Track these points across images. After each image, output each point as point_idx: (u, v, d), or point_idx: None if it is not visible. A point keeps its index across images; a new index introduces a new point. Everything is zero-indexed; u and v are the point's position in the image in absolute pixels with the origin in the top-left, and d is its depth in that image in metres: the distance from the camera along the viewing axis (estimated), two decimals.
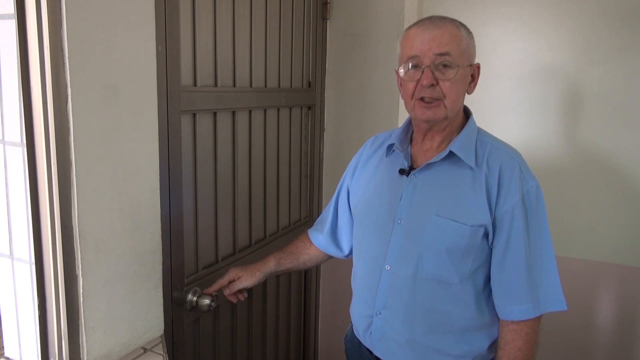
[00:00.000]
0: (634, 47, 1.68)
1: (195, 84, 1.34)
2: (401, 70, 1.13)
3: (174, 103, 1.22)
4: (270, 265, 1.40)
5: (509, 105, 1.87)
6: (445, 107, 1.10)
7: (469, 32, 1.14)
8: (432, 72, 1.08)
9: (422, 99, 1.11)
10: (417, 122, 1.19)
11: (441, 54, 1.07)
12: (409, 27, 1.15)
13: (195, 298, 1.35)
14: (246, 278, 1.37)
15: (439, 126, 1.15)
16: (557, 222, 1.85)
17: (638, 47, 1.68)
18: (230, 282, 1.38)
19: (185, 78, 1.29)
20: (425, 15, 1.94)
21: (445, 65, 1.08)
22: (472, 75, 1.16)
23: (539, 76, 1.82)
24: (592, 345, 1.87)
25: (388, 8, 1.93)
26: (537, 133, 1.84)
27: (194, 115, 1.34)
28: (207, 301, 1.33)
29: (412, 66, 1.11)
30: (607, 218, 1.79)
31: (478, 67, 1.16)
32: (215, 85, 1.42)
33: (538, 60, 1.81)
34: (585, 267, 1.83)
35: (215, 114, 1.43)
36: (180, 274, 1.32)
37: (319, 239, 1.43)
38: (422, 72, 1.09)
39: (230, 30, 1.46)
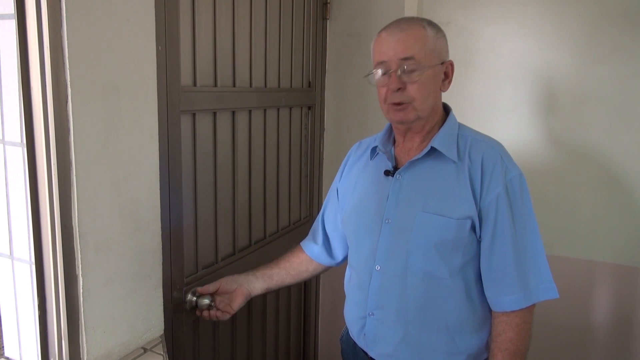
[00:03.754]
0: (634, 47, 1.68)
1: (195, 84, 1.34)
2: (373, 76, 1.16)
3: (174, 103, 1.22)
4: (258, 288, 1.39)
5: (509, 105, 1.87)
6: (415, 108, 1.13)
7: (438, 31, 1.15)
8: (399, 77, 1.11)
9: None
10: (394, 124, 1.21)
11: (405, 58, 1.10)
12: (379, 32, 1.17)
13: (194, 298, 1.35)
14: (232, 301, 1.35)
15: (415, 127, 1.17)
16: (557, 222, 1.86)
17: (638, 47, 1.68)
18: (217, 291, 1.35)
19: (185, 78, 1.29)
20: (425, 15, 1.95)
21: (411, 70, 1.10)
22: (446, 73, 1.17)
23: (539, 76, 1.82)
24: (591, 344, 1.87)
25: (388, 8, 1.93)
26: (537, 133, 1.85)
27: (194, 115, 1.34)
28: (206, 301, 1.33)
29: (382, 72, 1.14)
30: (607, 218, 1.79)
31: (451, 64, 1.17)
32: (215, 85, 1.42)
33: (538, 60, 1.81)
34: (585, 267, 1.83)
35: (215, 113, 1.43)
36: (180, 274, 1.31)
37: (313, 249, 1.43)
38: (390, 77, 1.12)
39: (230, 30, 1.46)
